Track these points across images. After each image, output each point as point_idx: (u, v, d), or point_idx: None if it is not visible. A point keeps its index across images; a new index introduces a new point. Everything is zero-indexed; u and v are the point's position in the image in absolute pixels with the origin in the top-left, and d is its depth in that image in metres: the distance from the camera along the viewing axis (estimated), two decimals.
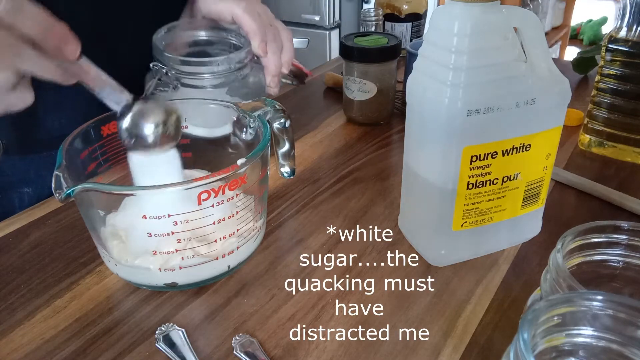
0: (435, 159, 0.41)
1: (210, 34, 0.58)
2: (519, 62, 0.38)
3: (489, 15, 0.37)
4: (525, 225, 0.46)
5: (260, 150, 0.41)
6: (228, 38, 0.58)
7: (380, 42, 0.68)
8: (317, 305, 0.41)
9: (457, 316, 0.40)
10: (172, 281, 0.41)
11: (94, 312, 0.41)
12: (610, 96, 0.59)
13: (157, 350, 0.37)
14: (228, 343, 0.38)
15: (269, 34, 0.55)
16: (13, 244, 0.48)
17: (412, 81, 0.42)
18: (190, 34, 0.58)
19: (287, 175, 0.52)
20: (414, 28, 0.92)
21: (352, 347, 0.37)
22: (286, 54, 0.58)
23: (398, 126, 0.71)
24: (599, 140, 0.62)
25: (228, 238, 0.41)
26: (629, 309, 0.24)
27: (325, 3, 2.03)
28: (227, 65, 0.53)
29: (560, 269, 0.28)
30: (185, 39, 0.57)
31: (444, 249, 0.44)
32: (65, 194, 0.35)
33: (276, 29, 0.57)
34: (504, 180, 0.41)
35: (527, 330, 0.23)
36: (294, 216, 0.52)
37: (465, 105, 0.37)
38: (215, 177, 0.37)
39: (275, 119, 0.47)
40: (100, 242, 0.42)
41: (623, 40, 0.57)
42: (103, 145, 0.45)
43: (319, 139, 0.68)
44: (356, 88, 0.68)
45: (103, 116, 0.45)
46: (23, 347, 0.38)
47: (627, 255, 0.32)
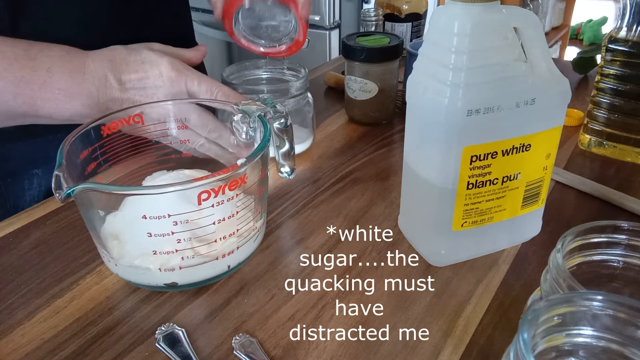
0: (435, 159, 0.41)
1: (268, 74, 0.66)
2: (519, 62, 0.38)
3: (489, 15, 0.37)
4: (525, 225, 0.46)
5: (260, 150, 0.41)
6: (283, 74, 0.65)
7: (382, 42, 0.68)
8: (317, 305, 0.41)
9: (457, 316, 0.40)
10: (172, 281, 0.41)
11: (94, 312, 0.41)
12: (610, 96, 0.59)
13: (157, 350, 0.37)
14: (228, 343, 0.38)
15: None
16: (13, 244, 0.48)
17: (412, 81, 0.42)
18: (252, 73, 0.65)
19: (287, 175, 0.52)
20: (414, 28, 0.92)
21: (352, 347, 0.37)
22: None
23: (399, 126, 0.71)
24: (599, 140, 0.62)
25: (228, 238, 0.41)
26: (629, 309, 0.24)
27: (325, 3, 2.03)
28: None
29: (560, 269, 0.28)
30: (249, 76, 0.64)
31: (444, 249, 0.44)
32: (65, 194, 0.35)
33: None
34: (504, 180, 0.41)
35: (527, 330, 0.23)
36: (294, 216, 0.52)
37: (465, 105, 0.37)
38: (215, 177, 0.37)
39: (275, 119, 0.47)
40: (100, 242, 0.42)
41: (623, 40, 0.57)
42: (103, 145, 0.45)
43: (319, 138, 0.68)
44: (357, 88, 0.69)
45: (103, 116, 0.45)
46: (23, 347, 0.38)
47: (627, 255, 0.32)
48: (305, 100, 0.63)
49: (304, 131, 0.64)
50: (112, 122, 0.46)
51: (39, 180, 0.62)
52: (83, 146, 0.43)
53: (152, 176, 0.49)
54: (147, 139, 0.49)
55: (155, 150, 0.50)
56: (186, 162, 0.51)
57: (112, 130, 0.46)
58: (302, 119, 0.63)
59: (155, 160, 0.50)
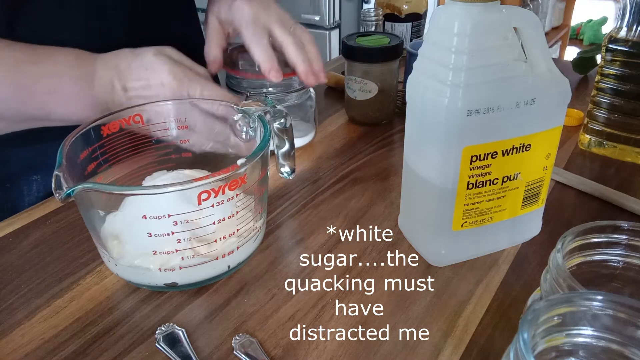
0: (435, 159, 0.41)
1: None
2: (519, 62, 0.38)
3: (489, 15, 0.37)
4: (525, 225, 0.46)
5: (260, 150, 0.41)
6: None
7: (382, 41, 0.68)
8: (317, 305, 0.41)
9: (457, 316, 0.40)
10: (172, 281, 0.41)
11: (94, 312, 0.41)
12: (610, 96, 0.59)
13: (157, 350, 0.37)
14: (228, 343, 0.38)
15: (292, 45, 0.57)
16: (13, 244, 0.48)
17: (412, 81, 0.42)
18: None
19: (287, 175, 0.52)
20: (414, 28, 0.92)
21: (352, 347, 0.37)
22: (316, 62, 0.59)
23: (399, 126, 0.71)
24: (599, 140, 0.62)
25: (228, 238, 0.41)
26: (629, 309, 0.24)
27: (325, 3, 2.03)
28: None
29: (560, 269, 0.28)
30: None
31: (444, 249, 0.44)
32: (65, 194, 0.35)
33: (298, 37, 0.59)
34: (504, 180, 0.41)
35: (527, 330, 0.23)
36: (294, 216, 0.52)
37: (465, 105, 0.37)
38: (215, 177, 0.37)
39: (275, 119, 0.47)
40: (100, 242, 0.42)
41: (623, 40, 0.57)
42: (103, 145, 0.45)
43: (319, 138, 0.68)
44: (357, 88, 0.69)
45: (103, 116, 0.45)
46: (23, 347, 0.38)
47: (627, 255, 0.32)
48: (308, 95, 0.64)
49: (306, 125, 0.65)
50: (112, 122, 0.46)
51: (38, 186, 0.61)
52: (83, 146, 0.43)
53: (152, 176, 0.49)
54: (147, 138, 0.49)
55: (155, 150, 0.50)
56: (186, 162, 0.51)
57: (112, 130, 0.46)
58: (305, 114, 0.64)
59: (155, 160, 0.50)
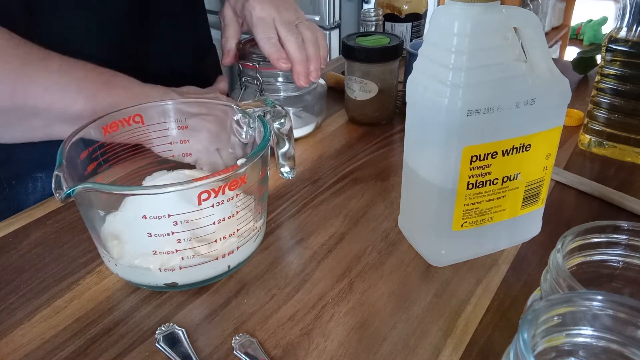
0: (435, 158, 0.41)
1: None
2: (519, 62, 0.38)
3: (489, 15, 0.37)
4: (525, 225, 0.46)
5: (260, 150, 0.41)
6: None
7: (382, 42, 0.68)
8: (317, 305, 0.41)
9: (457, 316, 0.40)
10: (172, 281, 0.41)
11: (94, 312, 0.41)
12: (610, 96, 0.59)
13: (157, 350, 0.37)
14: (228, 343, 0.38)
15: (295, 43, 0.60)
16: (13, 244, 0.48)
17: (412, 81, 0.42)
18: None
19: (287, 175, 0.52)
20: (414, 28, 0.92)
21: (352, 347, 0.37)
22: (313, 62, 0.61)
23: (399, 126, 0.71)
24: (599, 140, 0.62)
25: (228, 238, 0.41)
26: (629, 309, 0.24)
27: (325, 3, 2.03)
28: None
29: (560, 269, 0.28)
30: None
31: (444, 249, 0.44)
32: (65, 194, 0.36)
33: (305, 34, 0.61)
34: (504, 180, 0.41)
35: (527, 330, 0.23)
36: (294, 216, 0.52)
37: (465, 105, 0.37)
38: (215, 177, 0.37)
39: (275, 119, 0.47)
40: (100, 242, 0.42)
41: (623, 40, 0.57)
42: (103, 145, 0.45)
43: (319, 138, 0.68)
44: (358, 88, 0.69)
45: (103, 116, 0.45)
46: (23, 347, 0.38)
47: (627, 255, 0.32)
48: (316, 84, 0.67)
49: (312, 114, 0.68)
50: (112, 122, 0.46)
51: (43, 184, 0.62)
52: (83, 146, 0.43)
53: (152, 176, 0.49)
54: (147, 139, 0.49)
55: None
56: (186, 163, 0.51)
57: (112, 130, 0.46)
58: (311, 101, 0.68)
59: (155, 160, 0.50)
